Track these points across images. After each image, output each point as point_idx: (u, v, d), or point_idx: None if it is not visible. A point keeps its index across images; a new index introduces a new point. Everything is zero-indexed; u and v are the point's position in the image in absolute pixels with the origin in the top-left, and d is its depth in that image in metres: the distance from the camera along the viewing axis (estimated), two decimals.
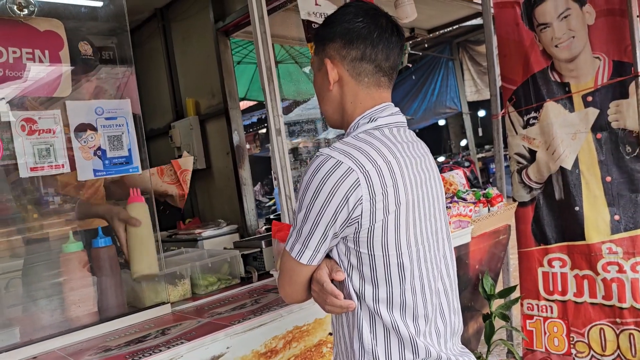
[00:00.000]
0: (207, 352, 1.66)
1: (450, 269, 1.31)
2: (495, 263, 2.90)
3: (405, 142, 1.23)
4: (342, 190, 1.09)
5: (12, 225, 2.39)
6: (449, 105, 12.16)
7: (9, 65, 1.79)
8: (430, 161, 1.31)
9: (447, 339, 1.26)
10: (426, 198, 1.22)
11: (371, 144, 1.16)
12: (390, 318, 1.17)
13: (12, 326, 1.87)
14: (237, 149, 3.65)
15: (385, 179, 1.11)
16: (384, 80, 1.27)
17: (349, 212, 1.11)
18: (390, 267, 1.16)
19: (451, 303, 1.29)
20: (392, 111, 1.26)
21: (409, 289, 1.18)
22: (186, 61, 4.08)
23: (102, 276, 1.95)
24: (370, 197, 1.10)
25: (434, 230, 1.25)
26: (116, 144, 1.97)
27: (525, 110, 3.04)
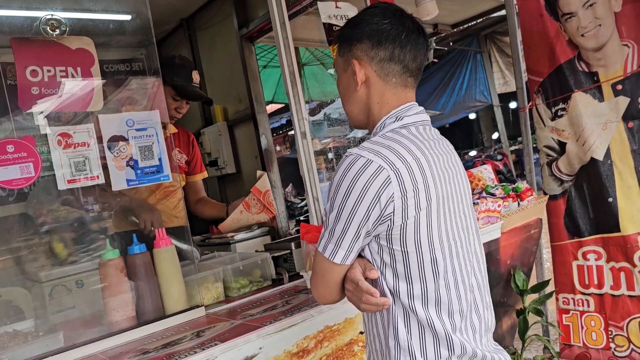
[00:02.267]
0: (241, 353, 1.71)
1: (481, 265, 1.31)
2: (527, 258, 2.87)
3: (432, 140, 1.25)
4: (373, 189, 1.11)
5: (53, 234, 2.51)
6: (479, 98, 11.99)
7: (44, 83, 1.88)
8: (456, 158, 1.32)
9: (482, 335, 1.27)
10: (455, 194, 1.24)
11: (400, 142, 1.17)
12: (426, 314, 1.18)
13: (57, 331, 1.96)
14: (265, 152, 3.70)
15: (415, 176, 1.13)
16: (411, 80, 1.29)
17: (381, 210, 1.12)
18: (424, 264, 1.17)
19: (484, 298, 1.30)
20: (417, 110, 1.28)
21: (443, 284, 1.19)
22: (213, 68, 4.16)
23: (138, 281, 2.02)
24: (402, 194, 1.11)
25: (464, 226, 1.26)
26: (147, 154, 2.04)
27: (553, 102, 3.00)
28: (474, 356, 1.21)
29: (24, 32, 1.95)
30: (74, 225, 2.71)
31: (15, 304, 2.31)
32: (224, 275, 2.35)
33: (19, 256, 2.48)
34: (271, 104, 8.02)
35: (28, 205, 2.68)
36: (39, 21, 1.91)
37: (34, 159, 1.80)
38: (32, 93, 1.86)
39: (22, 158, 1.78)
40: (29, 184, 1.79)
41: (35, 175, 1.80)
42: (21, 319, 2.11)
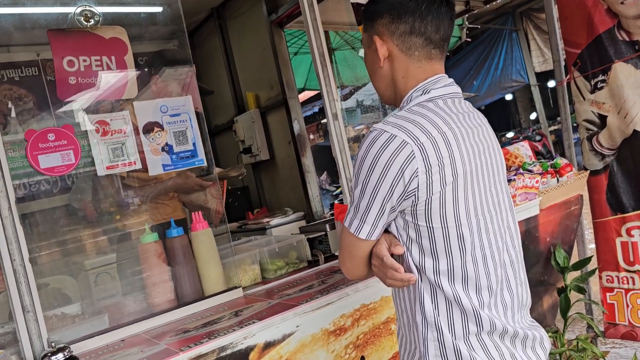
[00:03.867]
0: (278, 331, 1.74)
1: (515, 241, 1.27)
2: (568, 235, 2.80)
3: (461, 113, 1.21)
4: (397, 164, 1.09)
5: (96, 224, 2.60)
6: (515, 78, 11.67)
7: (80, 73, 1.94)
8: (488, 131, 1.28)
9: (514, 312, 1.24)
10: (485, 168, 1.20)
11: (425, 116, 1.14)
12: (452, 290, 1.16)
13: (102, 313, 2.04)
14: (298, 137, 3.72)
15: (440, 150, 1.10)
16: (435, 52, 1.24)
17: (405, 185, 1.10)
18: (450, 239, 1.14)
19: (518, 275, 1.26)
20: (446, 82, 1.24)
21: (470, 260, 1.16)
22: (244, 56, 4.19)
23: (177, 264, 2.07)
24: (427, 169, 1.09)
25: (497, 202, 1.23)
26: (181, 139, 2.08)
27: (592, 74, 2.90)
28: (504, 332, 1.18)
29: (60, 25, 2.01)
30: (115, 212, 2.79)
31: (63, 291, 2.41)
32: (260, 258, 2.38)
33: (66, 246, 2.58)
34: (303, 92, 8.02)
35: (72, 197, 2.77)
36: (73, 13, 1.96)
37: (74, 146, 1.86)
38: (70, 83, 1.91)
39: (63, 146, 1.84)
40: (69, 170, 1.85)
41: (76, 162, 1.86)
42: (67, 305, 2.20)
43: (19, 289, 1.73)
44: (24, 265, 1.74)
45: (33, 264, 1.77)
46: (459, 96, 1.25)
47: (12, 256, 1.73)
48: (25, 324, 1.72)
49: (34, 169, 1.81)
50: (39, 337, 1.74)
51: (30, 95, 3.43)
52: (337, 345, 1.87)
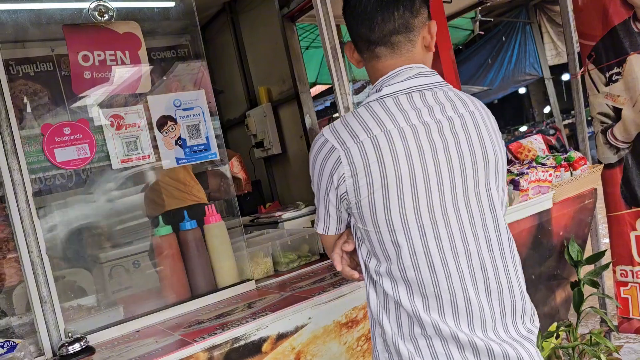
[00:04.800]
0: (291, 323, 1.75)
1: (494, 244, 1.14)
2: (581, 229, 2.78)
3: (424, 107, 1.12)
4: (327, 169, 1.12)
5: (112, 217, 2.63)
6: (529, 71, 11.55)
7: (95, 67, 1.96)
8: (471, 122, 1.14)
9: (485, 322, 1.12)
10: (448, 166, 1.10)
11: (360, 119, 1.11)
12: (394, 293, 1.13)
13: (117, 305, 2.07)
14: (310, 131, 3.72)
15: (367, 155, 1.07)
16: (380, 50, 1.17)
17: (335, 189, 1.13)
18: (385, 244, 1.12)
19: (497, 282, 1.14)
20: (408, 75, 1.15)
21: (410, 266, 1.11)
22: (255, 50, 4.20)
23: (190, 256, 2.10)
24: (352, 173, 1.09)
25: (464, 202, 1.12)
26: (195, 133, 2.10)
27: (607, 67, 2.86)
28: (456, 341, 1.11)
29: (75, 20, 2.03)
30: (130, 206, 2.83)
31: (79, 284, 2.45)
32: (272, 250, 2.40)
33: (81, 240, 2.62)
34: (315, 86, 8.02)
35: (86, 190, 2.81)
36: (88, 8, 1.98)
37: (89, 140, 1.89)
38: (85, 78, 1.94)
39: (78, 140, 1.87)
40: (85, 164, 1.88)
41: (91, 156, 1.89)
42: (82, 297, 2.23)
43: (36, 281, 1.76)
44: (41, 257, 1.77)
45: (49, 256, 1.81)
46: (425, 88, 1.15)
47: (29, 248, 1.76)
48: (43, 314, 1.76)
49: (50, 162, 1.84)
50: (57, 327, 1.77)
51: (45, 90, 3.47)
52: (349, 338, 1.88)
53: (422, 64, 1.19)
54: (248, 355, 1.67)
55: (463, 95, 1.19)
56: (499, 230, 1.16)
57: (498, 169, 1.17)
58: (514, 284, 1.17)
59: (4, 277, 2.21)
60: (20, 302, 2.20)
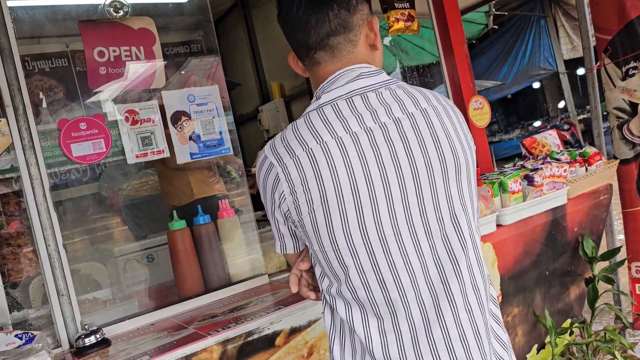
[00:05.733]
0: (304, 317, 1.76)
1: (457, 255, 1.03)
2: (596, 225, 2.75)
3: (365, 112, 1.02)
4: (268, 187, 1.05)
5: (129, 211, 2.66)
6: (543, 65, 11.43)
7: (110, 63, 1.97)
8: (419, 120, 1.02)
9: (451, 346, 1.02)
10: (393, 174, 1.00)
11: (296, 132, 1.04)
12: (347, 317, 1.06)
13: (132, 298, 2.10)
14: None
15: (304, 170, 1.00)
16: (319, 55, 1.08)
17: (279, 207, 1.05)
18: (332, 263, 1.04)
19: (463, 299, 1.03)
20: (349, 78, 1.05)
21: (360, 285, 1.02)
22: (268, 46, 4.21)
23: (204, 251, 2.11)
24: (291, 191, 1.01)
25: (418, 212, 1.01)
26: (208, 128, 2.11)
27: (624, 61, 2.83)
28: None
29: (90, 16, 2.05)
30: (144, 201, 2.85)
31: (94, 277, 2.48)
32: None
33: (95, 234, 2.65)
34: None
35: (101, 185, 2.84)
36: (103, 4, 1.99)
37: (105, 135, 1.90)
38: (100, 73, 1.95)
39: (94, 135, 1.89)
40: (101, 159, 1.90)
41: (107, 151, 1.90)
42: (97, 290, 2.26)
43: (53, 274, 1.79)
44: (58, 250, 1.80)
45: (65, 250, 1.83)
46: (370, 89, 1.05)
47: (47, 241, 1.79)
48: (60, 307, 1.79)
49: (67, 157, 1.86)
50: (73, 319, 1.80)
51: (61, 86, 3.51)
52: None
53: (367, 64, 1.09)
54: (261, 349, 1.68)
55: (415, 92, 1.07)
56: (463, 239, 1.03)
57: (460, 169, 1.03)
58: (484, 303, 1.06)
59: (21, 270, 2.25)
60: (37, 294, 2.23)
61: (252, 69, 4.37)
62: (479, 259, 1.06)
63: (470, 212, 1.06)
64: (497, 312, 1.14)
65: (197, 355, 1.58)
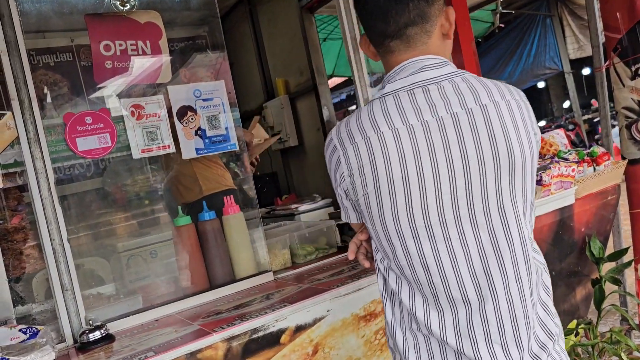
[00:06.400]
0: (309, 315, 1.75)
1: (502, 249, 1.07)
2: (603, 225, 2.73)
3: (424, 105, 1.07)
4: (332, 167, 1.16)
5: (128, 207, 2.65)
6: (549, 65, 11.36)
7: (116, 57, 1.96)
8: (477, 116, 1.05)
9: (489, 333, 1.07)
10: (444, 167, 1.05)
11: (359, 119, 1.11)
12: (397, 288, 1.15)
13: (136, 294, 2.08)
14: (327, 124, 3.70)
15: (361, 156, 1.08)
16: (395, 44, 1.12)
17: (340, 185, 1.15)
18: (382, 241, 1.13)
19: (505, 289, 1.07)
20: (412, 70, 1.10)
21: (405, 265, 1.11)
22: (273, 42, 4.18)
23: (209, 247, 2.10)
24: (349, 173, 1.11)
25: (466, 204, 1.06)
26: (214, 124, 2.10)
27: (633, 60, 2.80)
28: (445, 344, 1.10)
29: (97, 9, 2.04)
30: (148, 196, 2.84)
31: (97, 272, 2.47)
32: (290, 242, 2.40)
33: (99, 228, 2.64)
34: (332, 79, 7.98)
35: (104, 180, 2.83)
36: None
37: (110, 130, 1.89)
38: (106, 67, 1.94)
39: (100, 129, 1.88)
40: (106, 153, 1.89)
41: (112, 145, 1.89)
42: (100, 285, 2.25)
43: (58, 268, 1.78)
44: (62, 245, 1.79)
45: (70, 245, 1.82)
46: (432, 82, 1.09)
47: (51, 236, 1.78)
48: (64, 302, 1.78)
49: (72, 151, 1.85)
50: (77, 315, 1.79)
51: (65, 80, 3.49)
52: (367, 331, 1.88)
53: (436, 55, 1.12)
54: (267, 346, 1.67)
55: (479, 86, 1.08)
56: (509, 234, 1.07)
57: (514, 165, 1.05)
58: (526, 295, 1.09)
59: (23, 265, 2.24)
60: (40, 289, 2.22)
61: (257, 66, 4.35)
62: (526, 252, 1.09)
63: (520, 207, 1.09)
64: (548, 301, 1.17)
65: (202, 352, 1.56)
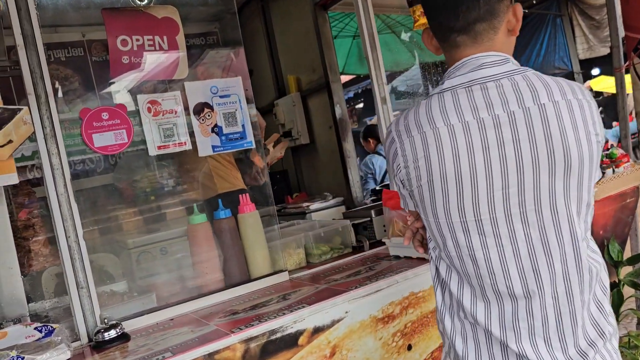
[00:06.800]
0: (328, 316, 1.72)
1: (552, 248, 1.07)
2: (621, 228, 2.69)
3: (481, 102, 1.07)
4: (389, 158, 1.20)
5: (143, 203, 2.62)
6: (558, 65, 11.26)
7: (133, 52, 1.93)
8: (535, 116, 1.04)
9: (533, 328, 1.09)
10: (497, 165, 1.05)
11: (416, 114, 1.14)
12: (446, 277, 1.19)
13: (150, 292, 2.06)
14: (339, 122, 3.67)
15: (417, 150, 1.12)
16: (462, 39, 1.13)
17: (396, 175, 1.19)
18: (434, 232, 1.17)
19: (551, 287, 1.08)
20: (472, 67, 1.11)
21: (455, 256, 1.14)
22: (286, 39, 4.15)
23: (224, 245, 2.08)
24: (405, 165, 1.15)
25: (517, 202, 1.06)
26: (231, 121, 2.07)
27: None
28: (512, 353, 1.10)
29: (114, 4, 2.01)
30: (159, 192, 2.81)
31: (106, 269, 2.45)
32: (305, 242, 2.37)
33: (110, 224, 2.62)
34: (341, 75, 7.93)
35: (115, 176, 2.81)
36: None
37: (127, 126, 1.86)
38: (123, 62, 1.91)
39: (116, 125, 1.85)
40: (122, 149, 1.86)
41: (128, 141, 1.87)
42: (111, 282, 2.23)
43: (73, 266, 1.76)
44: (78, 242, 1.77)
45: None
46: (490, 80, 1.09)
47: (67, 233, 1.75)
48: (79, 299, 1.75)
49: (88, 147, 1.82)
50: (92, 313, 1.77)
51: (76, 75, 3.48)
52: (385, 333, 1.85)
53: (499, 52, 1.12)
54: (284, 348, 1.64)
55: (540, 85, 1.07)
56: (560, 233, 1.07)
57: (570, 166, 1.04)
58: (574, 293, 1.08)
59: (33, 261, 2.22)
60: (49, 285, 2.20)
61: (268, 62, 4.31)
62: (577, 252, 1.08)
63: (574, 208, 1.08)
64: (604, 300, 1.15)
65: (220, 353, 1.54)
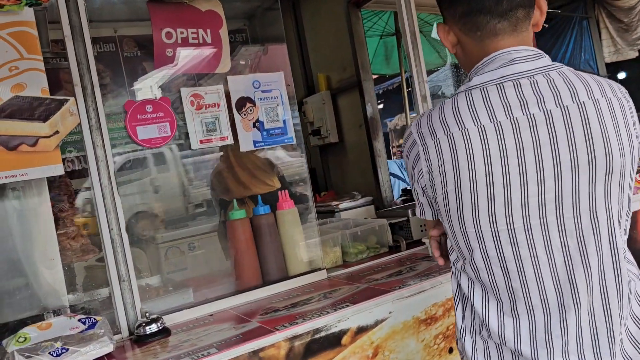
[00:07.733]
0: (372, 316, 1.69)
1: (590, 257, 0.98)
2: None
3: (514, 100, 0.98)
4: (410, 162, 1.10)
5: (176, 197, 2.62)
6: (584, 68, 11.06)
7: (177, 45, 1.92)
8: (574, 115, 0.95)
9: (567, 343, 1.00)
10: (532, 168, 0.96)
11: (442, 113, 1.03)
12: (469, 293, 1.10)
13: (187, 287, 2.05)
14: (370, 120, 3.63)
15: (443, 153, 1.01)
16: (503, 25, 1.03)
17: (417, 181, 1.10)
18: (459, 242, 1.07)
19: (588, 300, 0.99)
20: (503, 61, 1.01)
21: (483, 268, 1.04)
22: (316, 37, 4.12)
23: (263, 242, 2.06)
24: (429, 170, 1.05)
25: (554, 209, 0.97)
26: (272, 116, 2.05)
27: None
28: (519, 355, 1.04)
29: None
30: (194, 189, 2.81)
31: (147, 264, 2.45)
32: (341, 240, 2.34)
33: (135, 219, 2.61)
34: None
35: (157, 169, 2.81)
36: None
37: (170, 119, 1.85)
38: (167, 55, 1.91)
39: (160, 118, 1.84)
40: (165, 142, 1.85)
41: (171, 135, 1.86)
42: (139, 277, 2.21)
43: (115, 259, 1.75)
44: (120, 235, 1.76)
45: (128, 235, 1.79)
46: (524, 76, 1.00)
47: (110, 225, 1.74)
48: (121, 293, 1.75)
49: (132, 139, 1.81)
50: (133, 306, 1.76)
51: (108, 70, 3.49)
52: (427, 335, 1.81)
53: (530, 47, 1.03)
54: (328, 347, 1.61)
55: (578, 82, 0.98)
56: (599, 241, 0.98)
57: (612, 169, 0.96)
58: (612, 308, 1.00)
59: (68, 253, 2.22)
60: (82, 277, 2.20)
61: (297, 60, 4.29)
62: (617, 263, 1.00)
63: (615, 215, 1.00)
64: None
65: (265, 351, 1.52)
